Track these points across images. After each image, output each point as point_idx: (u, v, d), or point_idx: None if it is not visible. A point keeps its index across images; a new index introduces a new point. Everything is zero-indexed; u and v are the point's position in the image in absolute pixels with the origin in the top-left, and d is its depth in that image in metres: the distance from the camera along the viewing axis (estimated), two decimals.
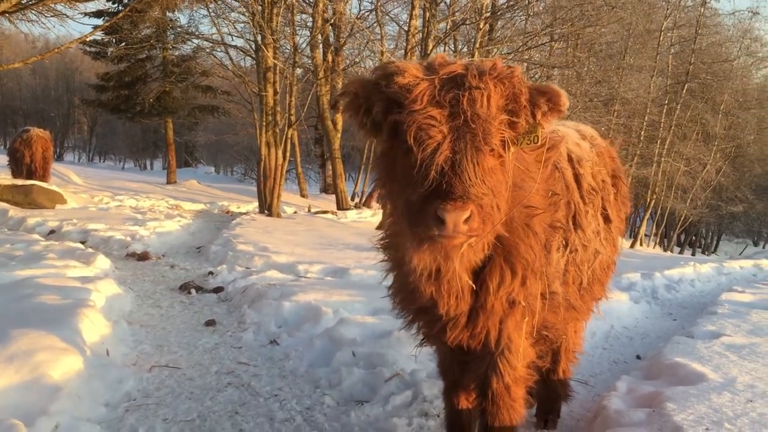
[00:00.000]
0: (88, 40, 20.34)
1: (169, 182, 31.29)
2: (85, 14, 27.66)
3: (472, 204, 2.28)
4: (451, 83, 2.37)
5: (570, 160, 3.34)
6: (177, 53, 30.97)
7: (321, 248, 11.14)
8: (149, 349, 5.41)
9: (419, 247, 2.46)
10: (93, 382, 4.14)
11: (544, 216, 2.91)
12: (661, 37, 29.08)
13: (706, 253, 43.20)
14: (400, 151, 2.45)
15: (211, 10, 20.13)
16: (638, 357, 6.12)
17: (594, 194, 3.41)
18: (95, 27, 20.61)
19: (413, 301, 2.98)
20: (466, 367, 3.27)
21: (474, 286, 2.78)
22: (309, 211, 20.81)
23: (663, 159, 29.52)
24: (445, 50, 21.62)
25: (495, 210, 2.43)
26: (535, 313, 2.98)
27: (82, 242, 10.80)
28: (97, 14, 29.06)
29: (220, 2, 19.87)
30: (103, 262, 8.40)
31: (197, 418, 4.00)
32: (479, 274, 2.80)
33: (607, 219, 3.54)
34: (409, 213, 2.40)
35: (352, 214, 19.59)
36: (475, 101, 2.34)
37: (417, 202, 2.34)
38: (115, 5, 29.87)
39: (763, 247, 52.41)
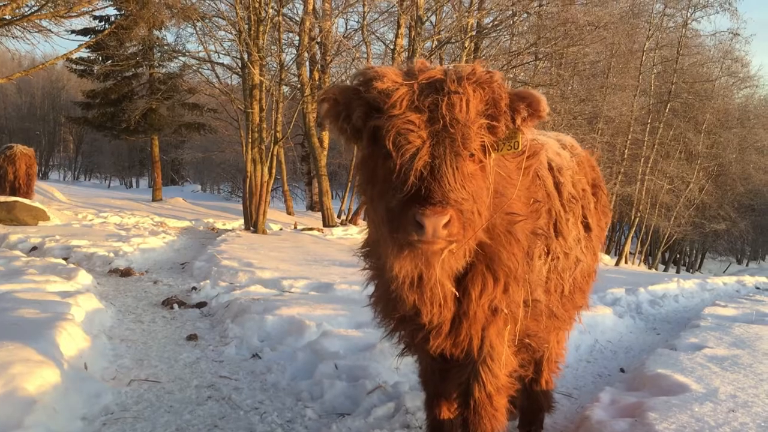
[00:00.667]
0: (74, 57, 20.27)
1: (154, 200, 31.19)
2: (72, 32, 27.57)
3: (452, 209, 2.26)
4: (430, 88, 2.36)
5: (550, 168, 3.35)
6: (163, 71, 31.01)
7: (306, 264, 11.09)
8: (129, 363, 5.34)
9: (399, 253, 2.45)
10: (70, 395, 4.07)
11: (526, 223, 2.91)
12: (644, 57, 29.50)
13: (691, 270, 43.45)
14: (380, 157, 2.44)
15: (198, 29, 20.19)
16: (622, 370, 6.11)
17: (574, 202, 3.42)
18: (81, 44, 20.61)
19: (395, 309, 2.96)
20: (448, 375, 3.25)
21: (457, 293, 2.77)
22: (295, 228, 20.77)
23: (647, 177, 29.79)
24: None
25: (476, 216, 2.42)
26: (517, 320, 2.97)
27: (65, 258, 10.68)
28: (84, 32, 29.07)
29: (207, 21, 19.93)
30: (84, 278, 8.31)
31: (176, 431, 3.94)
32: (461, 282, 2.79)
33: (587, 227, 3.55)
34: (389, 219, 2.39)
35: (338, 231, 19.56)
36: (454, 106, 2.33)
37: (396, 208, 2.33)
38: (102, 23, 29.90)
39: (747, 266, 52.91)
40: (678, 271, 38.92)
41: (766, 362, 5.06)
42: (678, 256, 45.42)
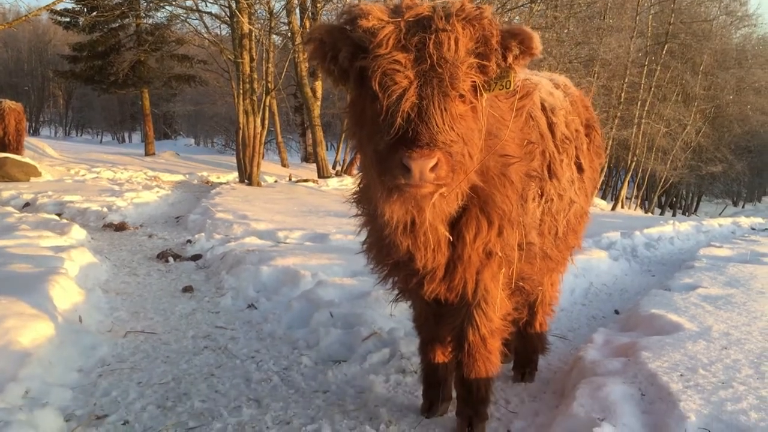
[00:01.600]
0: (58, 8, 19.80)
1: (147, 154, 30.94)
2: None
3: (440, 152, 2.19)
4: (417, 26, 2.27)
5: (543, 108, 3.28)
6: (150, 21, 30.39)
7: (301, 215, 11.06)
8: (125, 315, 5.34)
9: (389, 197, 2.39)
10: (65, 348, 4.07)
11: (520, 165, 2.86)
12: None
13: (687, 214, 43.62)
14: (368, 99, 2.36)
15: None
16: (616, 312, 6.15)
17: (568, 143, 3.36)
18: None
19: (388, 255, 2.93)
20: (442, 320, 3.25)
21: (450, 237, 2.73)
22: (290, 179, 20.67)
23: (643, 121, 29.57)
24: None
25: (466, 158, 2.36)
26: (512, 263, 2.95)
27: (58, 214, 10.61)
28: None
29: None
30: (78, 233, 8.28)
31: (172, 380, 3.95)
32: (455, 225, 2.75)
33: (580, 168, 3.50)
34: (377, 162, 2.33)
35: (333, 182, 19.49)
36: (442, 44, 2.24)
37: (384, 151, 2.26)
38: None
39: (743, 207, 53.12)
40: (674, 215, 39.10)
41: (759, 300, 5.08)
42: (674, 199, 45.55)
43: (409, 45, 2.25)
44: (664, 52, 30.10)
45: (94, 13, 27.52)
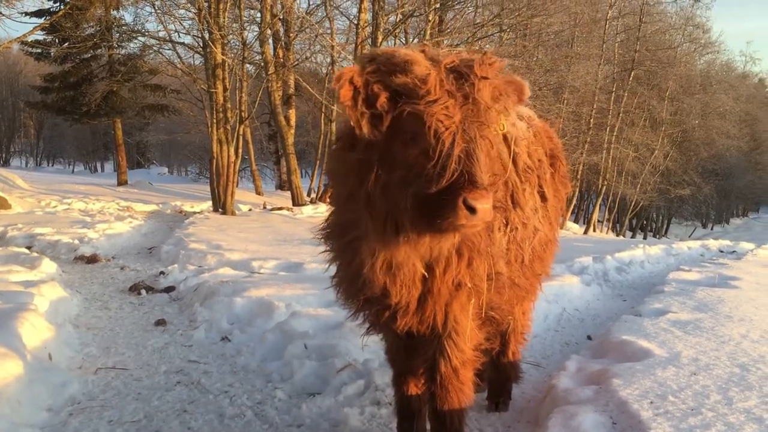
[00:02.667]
0: (29, 39, 19.70)
1: (119, 184, 30.67)
2: (25, 14, 26.77)
3: (492, 192, 2.33)
4: (455, 73, 2.39)
5: (505, 139, 3.35)
6: (123, 52, 30.21)
7: (276, 244, 11.03)
8: (96, 351, 5.27)
9: (425, 235, 2.51)
10: (34, 386, 4.01)
11: None
12: (607, 26, 29.68)
13: (657, 236, 44.31)
14: (401, 143, 2.42)
15: (156, 7, 19.77)
16: (589, 338, 6.21)
17: (530, 173, 3.43)
18: (35, 26, 20.03)
19: (360, 291, 2.95)
20: (414, 352, 3.26)
21: (426, 273, 2.78)
22: (264, 208, 20.63)
23: (612, 145, 30.14)
24: (395, 43, 21.65)
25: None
26: (481, 293, 2.99)
27: (28, 247, 10.48)
28: (38, 14, 28.18)
29: None
30: (49, 266, 8.17)
31: (144, 418, 3.90)
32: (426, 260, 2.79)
33: (543, 197, 3.57)
34: (420, 205, 2.36)
35: (308, 210, 19.48)
36: (481, 90, 2.39)
37: (434, 195, 2.31)
38: (57, 4, 29.03)
39: (712, 229, 54.10)
40: (645, 237, 39.66)
41: (727, 325, 5.18)
42: (645, 222, 46.26)
43: (453, 91, 2.36)
44: (630, 78, 30.84)
45: (66, 45, 27.37)
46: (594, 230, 31.43)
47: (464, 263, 2.84)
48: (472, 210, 2.24)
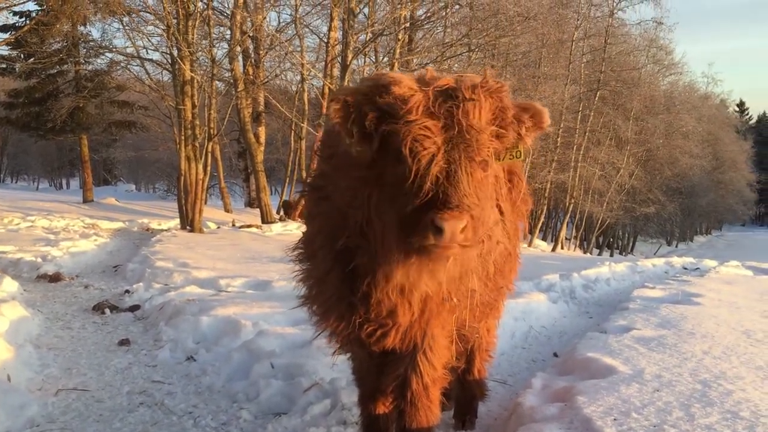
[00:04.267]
0: None
1: (85, 201, 30.19)
2: None
3: (467, 214, 2.28)
4: (444, 95, 2.39)
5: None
6: (90, 68, 29.86)
7: (244, 262, 10.94)
8: (57, 372, 5.15)
9: (406, 258, 2.47)
10: None
11: None
12: (573, 47, 30.26)
13: (624, 253, 44.99)
14: (389, 163, 2.43)
15: (124, 23, 19.58)
16: (555, 355, 6.26)
17: None
18: (0, 41, 19.72)
19: (354, 311, 2.92)
20: (385, 370, 3.26)
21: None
22: (233, 225, 20.45)
23: (579, 164, 30.64)
24: (365, 61, 21.79)
25: (482, 222, 2.44)
26: (463, 310, 3.03)
27: None
28: (3, 29, 27.82)
29: (133, 15, 19.34)
30: (9, 285, 7.97)
31: None
32: None
33: (500, 211, 3.61)
34: (399, 224, 2.39)
35: (277, 228, 19.36)
36: (469, 113, 2.38)
37: (410, 213, 2.33)
38: (23, 19, 28.66)
39: (676, 246, 55.12)
40: (612, 254, 40.20)
41: (690, 341, 5.26)
42: (611, 239, 46.95)
43: (438, 112, 2.36)
44: (596, 98, 31.48)
45: (32, 60, 26.95)
46: (562, 248, 31.80)
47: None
48: (438, 230, 2.24)
